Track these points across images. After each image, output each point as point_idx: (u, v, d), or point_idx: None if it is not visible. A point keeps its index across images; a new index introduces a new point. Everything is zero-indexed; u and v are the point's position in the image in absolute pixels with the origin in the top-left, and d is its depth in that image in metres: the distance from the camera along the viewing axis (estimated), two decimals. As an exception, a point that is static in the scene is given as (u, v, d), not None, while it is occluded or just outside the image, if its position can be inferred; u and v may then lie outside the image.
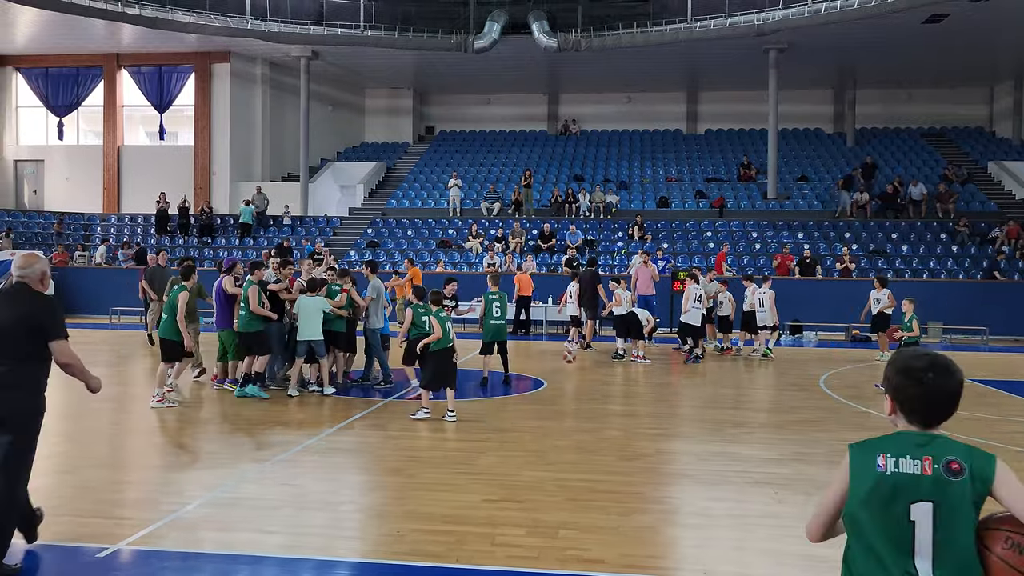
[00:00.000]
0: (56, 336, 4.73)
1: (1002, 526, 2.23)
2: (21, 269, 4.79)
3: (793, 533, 5.55)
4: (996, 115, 32.22)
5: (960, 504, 2.21)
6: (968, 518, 2.22)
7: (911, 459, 2.25)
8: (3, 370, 4.55)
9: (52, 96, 30.56)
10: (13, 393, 4.60)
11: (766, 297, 15.81)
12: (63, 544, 5.20)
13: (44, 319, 4.72)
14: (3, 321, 4.61)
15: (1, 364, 4.56)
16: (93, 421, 9.31)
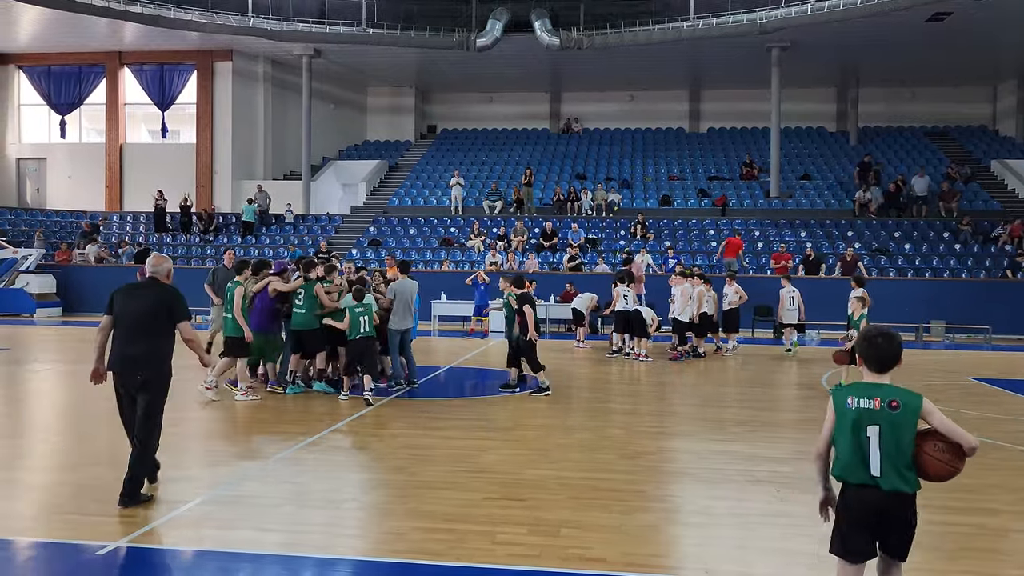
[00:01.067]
0: (182, 318, 6.06)
1: (930, 435, 3.56)
2: (154, 267, 6.22)
3: (796, 532, 5.53)
4: (999, 113, 32.15)
5: (899, 427, 3.51)
6: (905, 436, 3.51)
7: (867, 399, 3.59)
8: (144, 346, 5.93)
9: (54, 94, 30.59)
10: (153, 363, 5.97)
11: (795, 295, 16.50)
12: (64, 542, 5.19)
13: (173, 305, 6.05)
14: (143, 307, 5.97)
15: (142, 341, 5.94)
16: (94, 419, 9.30)
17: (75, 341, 17.43)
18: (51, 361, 14.06)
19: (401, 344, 11.16)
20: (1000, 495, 6.56)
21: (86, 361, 14.03)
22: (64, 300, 24.02)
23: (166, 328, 6.02)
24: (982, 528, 5.72)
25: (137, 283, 6.45)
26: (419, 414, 9.55)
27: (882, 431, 3.53)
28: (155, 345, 5.98)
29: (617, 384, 12.48)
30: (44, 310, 23.09)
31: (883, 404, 3.55)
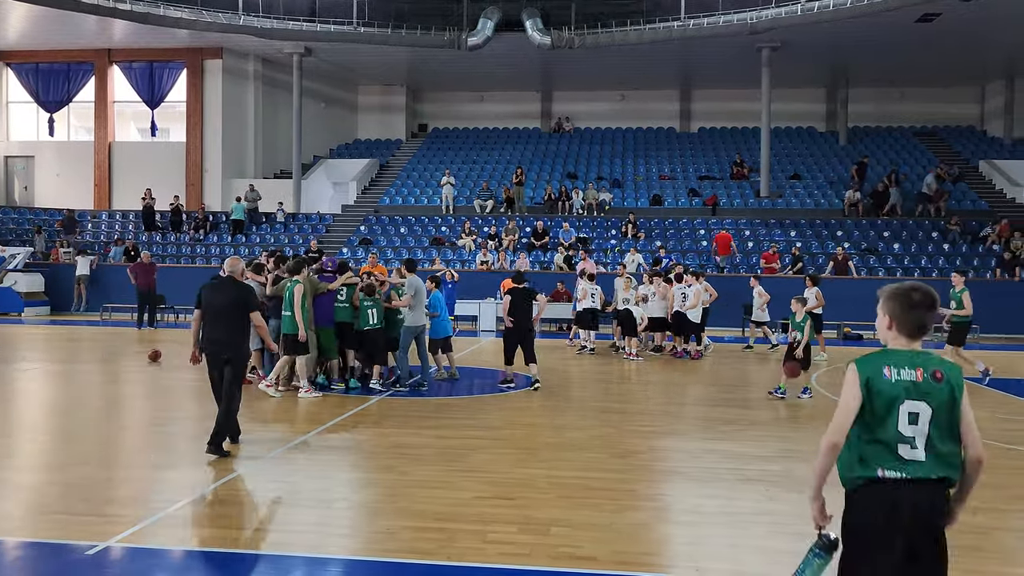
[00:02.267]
0: (254, 309, 7.55)
1: None
2: (231, 268, 7.69)
3: (785, 530, 5.56)
4: (987, 114, 32.34)
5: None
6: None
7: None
8: (226, 331, 7.38)
9: (43, 92, 30.39)
10: (233, 344, 7.43)
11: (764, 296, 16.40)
12: (53, 541, 5.17)
13: (248, 299, 7.56)
14: (224, 301, 7.43)
15: (225, 328, 7.37)
16: (83, 418, 9.27)
17: (63, 340, 17.34)
18: (39, 360, 13.99)
19: (417, 342, 11.29)
20: (983, 492, 6.59)
21: (74, 360, 13.99)
22: (52, 299, 23.88)
23: (243, 316, 7.44)
24: (965, 526, 5.74)
25: (218, 281, 7.79)
26: (410, 413, 9.55)
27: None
28: (235, 330, 7.44)
29: (607, 383, 12.50)
30: (32, 309, 22.95)
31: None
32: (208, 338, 7.44)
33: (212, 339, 7.41)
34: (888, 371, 2.98)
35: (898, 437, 2.93)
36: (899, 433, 2.93)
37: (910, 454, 2.92)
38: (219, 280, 7.84)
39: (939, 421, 2.95)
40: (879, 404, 2.95)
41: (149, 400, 10.49)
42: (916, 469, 2.90)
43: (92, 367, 13.30)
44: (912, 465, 2.91)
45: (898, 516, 2.86)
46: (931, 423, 2.93)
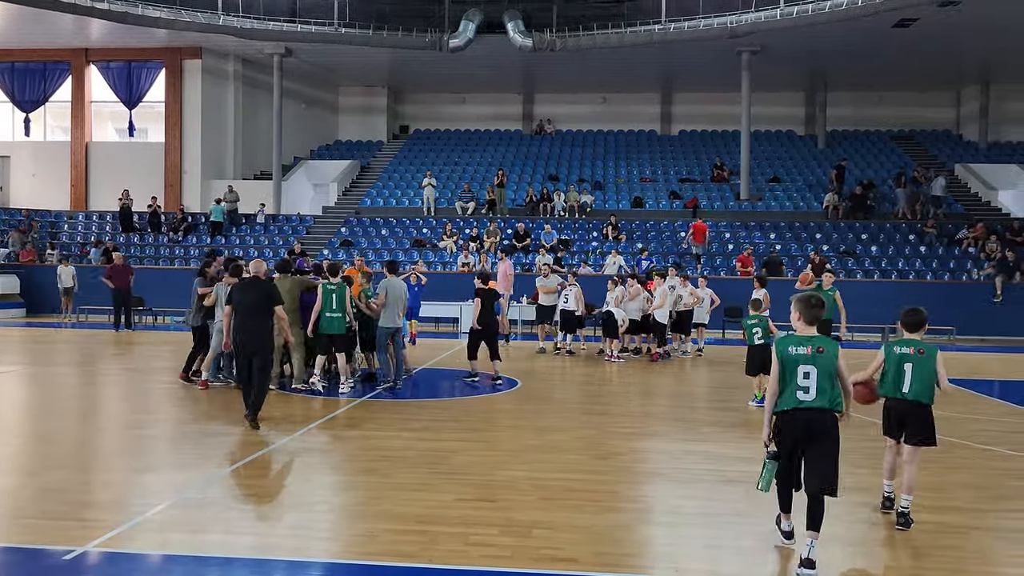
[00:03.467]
0: (278, 304, 8.83)
1: None
2: (256, 269, 9.00)
3: (764, 530, 5.59)
4: (963, 118, 32.76)
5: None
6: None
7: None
8: (256, 324, 8.59)
9: (18, 91, 29.99)
10: (262, 336, 8.68)
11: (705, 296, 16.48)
12: (29, 546, 5.10)
13: (273, 295, 8.85)
14: (253, 297, 8.66)
15: (254, 321, 8.59)
16: (60, 421, 9.15)
17: (38, 343, 17.12)
18: (13, 363, 13.80)
19: (393, 343, 11.50)
20: (964, 493, 6.69)
21: (50, 364, 13.82)
22: (27, 301, 23.57)
23: (268, 311, 8.73)
24: (947, 526, 5.82)
25: (247, 281, 8.99)
26: (391, 415, 9.51)
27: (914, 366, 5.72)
28: (263, 323, 8.70)
29: (589, 385, 12.52)
30: (6, 311, 22.65)
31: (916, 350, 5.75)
32: (239, 330, 8.62)
33: (243, 331, 8.60)
34: (792, 348, 5.05)
35: (797, 384, 4.99)
36: (797, 383, 4.99)
37: (805, 396, 4.97)
38: (248, 280, 8.98)
39: (821, 376, 4.96)
40: (787, 367, 5.04)
41: (126, 403, 10.38)
42: (809, 404, 4.95)
43: (68, 369, 13.15)
44: (806, 402, 4.96)
45: (797, 426, 5.00)
46: (817, 377, 4.95)
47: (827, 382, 4.94)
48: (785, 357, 5.02)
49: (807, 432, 4.96)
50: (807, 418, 4.94)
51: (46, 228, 28.05)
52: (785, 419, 5.02)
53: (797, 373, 4.97)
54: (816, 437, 4.94)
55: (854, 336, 20.65)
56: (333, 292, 10.62)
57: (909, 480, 5.77)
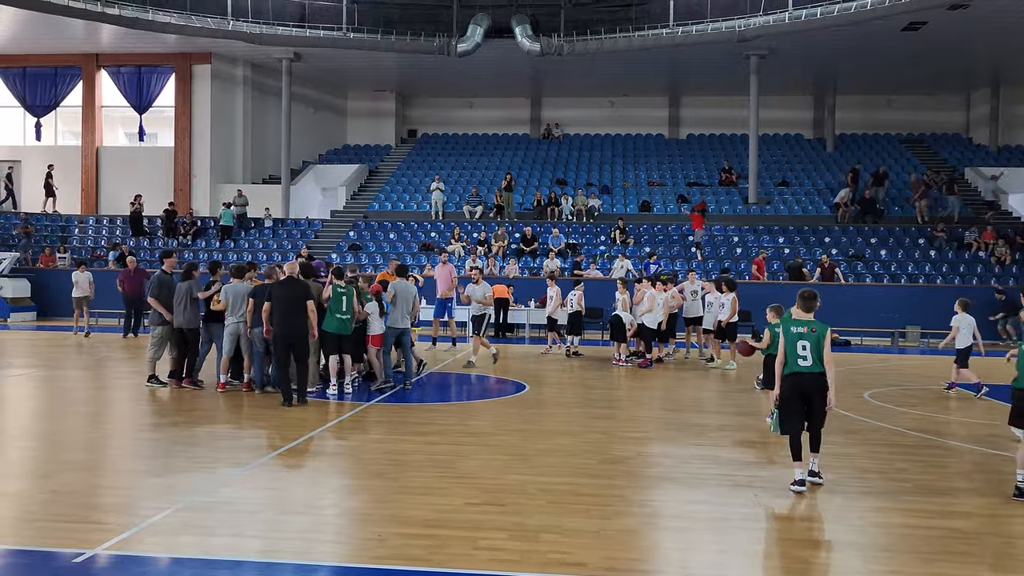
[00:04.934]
0: (312, 300, 10.15)
1: None
2: (292, 269, 10.41)
3: (774, 536, 5.57)
4: (973, 122, 32.62)
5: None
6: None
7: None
8: (293, 319, 9.94)
9: (30, 96, 30.20)
10: (300, 329, 10.01)
11: None
12: (38, 549, 5.13)
13: (308, 293, 10.15)
14: (291, 295, 9.98)
15: (292, 316, 9.95)
16: (70, 424, 9.20)
17: (49, 346, 17.21)
18: (25, 366, 13.87)
19: (399, 344, 11.70)
20: (974, 499, 6.64)
21: (61, 367, 13.88)
22: (39, 304, 23.69)
23: (304, 307, 10.01)
24: (957, 532, 5.79)
25: (285, 280, 10.22)
26: (399, 419, 9.52)
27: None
28: (300, 318, 10.00)
29: (597, 389, 12.50)
30: (18, 314, 22.77)
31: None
32: (280, 323, 9.89)
33: (283, 324, 9.89)
34: (793, 328, 6.76)
35: (796, 354, 6.67)
36: (797, 354, 6.66)
37: (804, 363, 6.65)
38: (286, 279, 10.24)
39: (814, 348, 6.63)
40: (788, 342, 6.73)
41: (135, 406, 10.41)
42: (806, 369, 6.63)
43: (78, 373, 13.21)
44: (804, 367, 6.64)
45: (799, 385, 6.67)
46: (811, 349, 6.63)
47: (818, 353, 6.63)
48: (788, 334, 6.73)
49: (805, 389, 6.67)
50: (805, 379, 6.66)
51: (57, 232, 28.21)
52: (791, 380, 6.72)
53: (796, 346, 6.67)
54: (811, 393, 6.67)
55: (863, 340, 20.60)
56: (343, 294, 10.69)
57: None
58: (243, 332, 10.84)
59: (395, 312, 11.49)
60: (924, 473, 7.42)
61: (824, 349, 6.62)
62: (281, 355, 10.05)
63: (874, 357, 15.73)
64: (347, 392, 10.91)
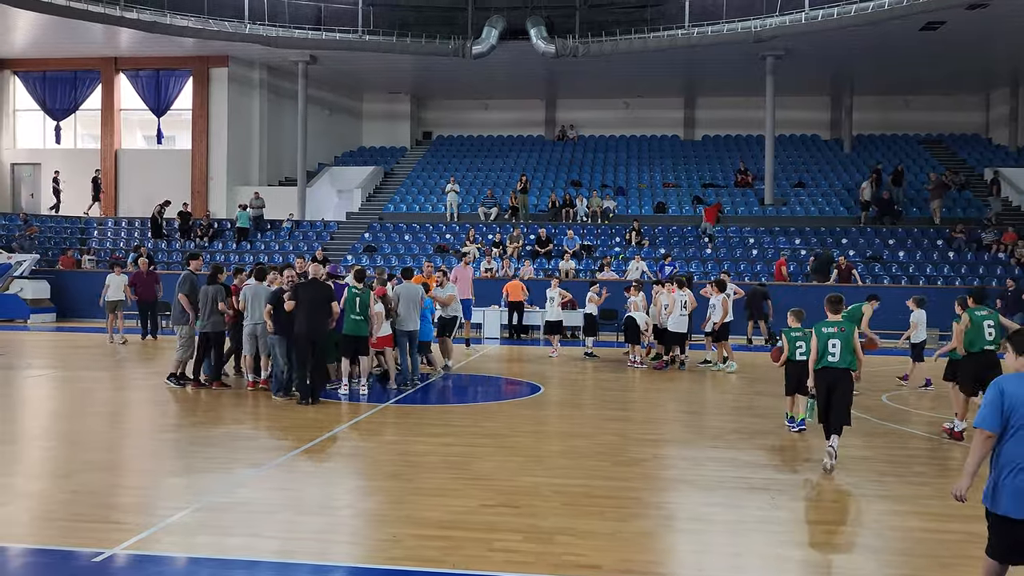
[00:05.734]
0: (335, 301, 10.55)
1: None
2: (315, 272, 10.91)
3: (791, 539, 5.54)
4: (992, 122, 32.29)
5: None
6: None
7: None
8: (317, 318, 10.29)
9: (50, 100, 30.51)
10: (322, 328, 10.41)
11: None
12: (58, 548, 5.18)
13: (331, 295, 10.53)
14: (315, 296, 10.33)
15: (316, 316, 10.26)
16: (89, 424, 9.28)
17: (69, 347, 17.37)
18: (45, 367, 14.02)
19: (408, 345, 11.97)
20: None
21: (80, 367, 14.00)
22: (58, 306, 23.93)
23: (327, 307, 10.42)
24: (975, 536, 5.73)
25: (309, 282, 10.63)
26: (414, 420, 9.55)
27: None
28: (323, 318, 10.39)
29: (611, 391, 12.48)
30: (38, 316, 22.99)
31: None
32: (304, 322, 10.22)
33: (308, 323, 10.23)
34: (824, 328, 7.63)
35: (828, 350, 7.56)
36: (828, 351, 7.56)
37: (832, 358, 7.55)
38: (310, 281, 10.69)
39: (844, 346, 7.52)
40: (821, 341, 7.60)
41: (154, 407, 10.50)
42: (835, 363, 7.55)
43: (98, 374, 13.33)
44: (833, 361, 7.55)
45: (827, 379, 7.56)
46: (840, 346, 7.52)
47: (846, 351, 7.54)
48: (819, 334, 7.66)
49: (833, 382, 7.53)
50: (834, 372, 7.55)
51: (76, 235, 28.48)
52: (821, 374, 7.60)
53: (828, 344, 7.55)
54: (838, 386, 7.51)
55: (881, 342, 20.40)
56: (357, 296, 10.81)
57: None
58: (260, 334, 10.98)
59: (402, 315, 11.76)
60: (942, 476, 7.36)
61: (854, 345, 7.57)
62: (303, 354, 10.32)
63: (892, 359, 15.60)
64: (362, 394, 10.97)
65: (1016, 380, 4.14)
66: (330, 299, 10.43)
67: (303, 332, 10.24)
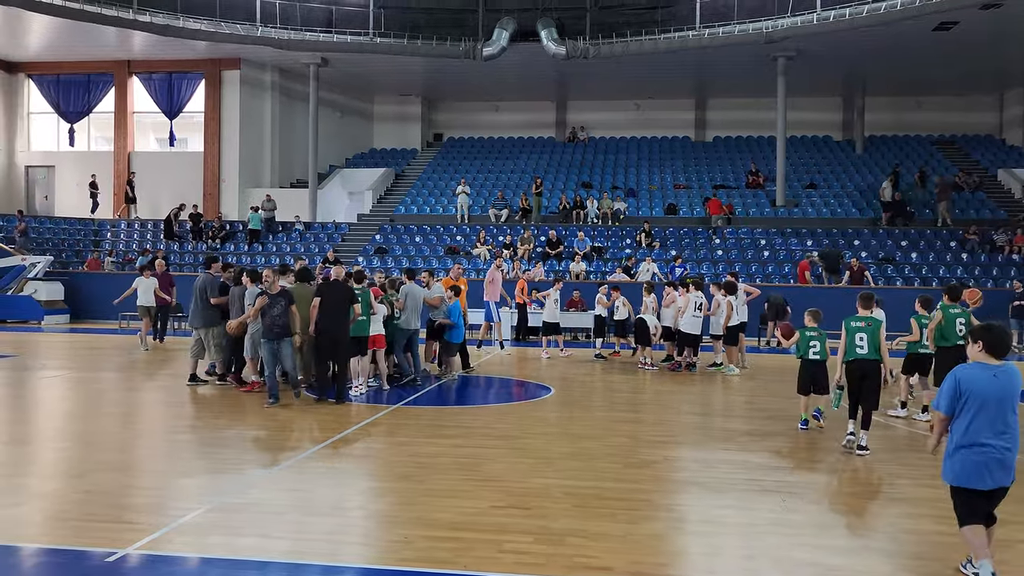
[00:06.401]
0: (355, 303, 10.87)
1: None
2: (336, 274, 11.54)
3: (802, 541, 5.52)
4: (1006, 122, 32.07)
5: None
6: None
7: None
8: (338, 319, 10.62)
9: (64, 102, 30.75)
10: (343, 328, 10.72)
11: None
12: (71, 548, 5.22)
13: (352, 296, 10.85)
14: (336, 296, 10.69)
15: (337, 316, 10.59)
16: (103, 425, 9.34)
17: (83, 348, 17.48)
18: (59, 368, 14.12)
19: (408, 343, 12.33)
20: (1006, 505, 6.51)
21: (94, 368, 14.08)
22: (72, 307, 24.10)
23: (348, 308, 10.77)
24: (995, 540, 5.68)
25: (330, 283, 11.08)
26: (425, 422, 9.56)
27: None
28: (343, 318, 10.70)
29: (622, 392, 12.46)
30: (52, 317, 23.16)
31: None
32: (325, 321, 10.57)
33: (328, 322, 10.57)
34: (853, 322, 8.24)
35: (855, 344, 8.15)
36: (855, 344, 8.15)
37: (861, 351, 8.12)
38: (331, 282, 11.14)
39: (871, 339, 8.11)
40: (849, 334, 8.22)
41: (167, 408, 10.55)
42: (865, 355, 8.11)
43: (112, 375, 13.41)
44: (861, 354, 8.12)
45: (857, 370, 8.17)
46: (868, 340, 8.11)
47: (873, 343, 8.10)
48: (848, 328, 8.22)
49: (861, 372, 8.14)
50: (861, 364, 8.14)
51: (89, 236, 28.67)
52: (850, 366, 8.21)
53: (855, 337, 8.14)
54: (867, 376, 8.14)
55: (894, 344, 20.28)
56: (359, 296, 11.13)
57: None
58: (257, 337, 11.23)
59: (405, 314, 12.11)
60: (956, 479, 7.30)
61: (880, 340, 8.12)
62: (325, 352, 10.77)
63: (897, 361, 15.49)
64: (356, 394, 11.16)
65: (969, 369, 4.71)
66: (351, 301, 10.77)
67: (324, 332, 10.58)
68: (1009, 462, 4.67)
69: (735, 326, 14.67)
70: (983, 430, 4.61)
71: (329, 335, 10.61)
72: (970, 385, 4.64)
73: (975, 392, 4.62)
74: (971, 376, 4.68)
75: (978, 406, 4.61)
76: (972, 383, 4.64)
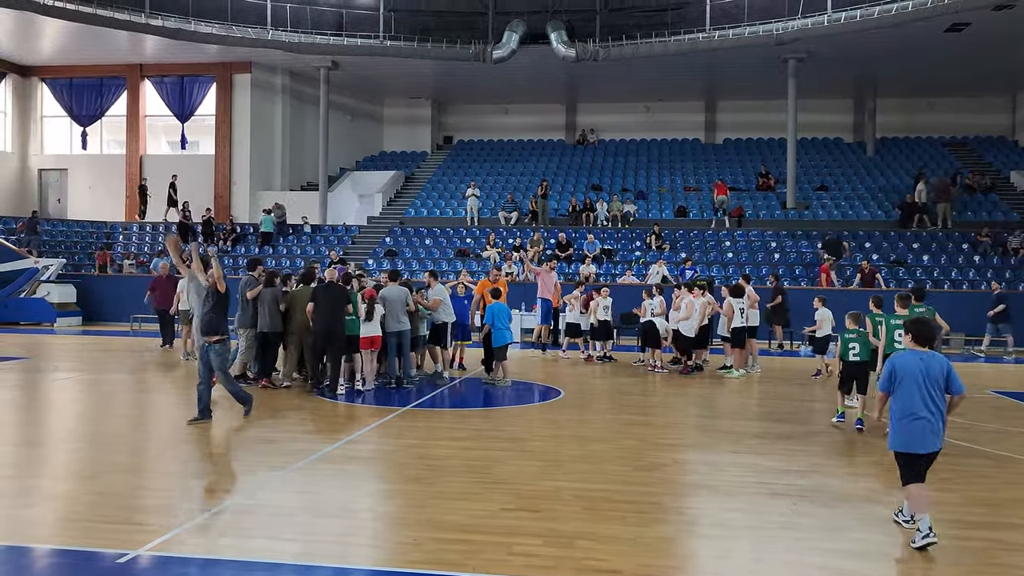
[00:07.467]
0: (349, 303, 11.32)
1: None
2: (331, 276, 11.57)
3: (813, 545, 5.49)
4: (1018, 124, 31.88)
5: None
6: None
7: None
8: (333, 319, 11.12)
9: (76, 106, 30.98)
10: (338, 328, 11.27)
11: None
12: (82, 549, 5.24)
13: (345, 296, 11.32)
14: (332, 297, 11.19)
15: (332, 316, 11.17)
16: (114, 426, 9.39)
17: (95, 350, 17.59)
18: (72, 370, 14.21)
19: (399, 346, 12.30)
20: (1019, 509, 6.49)
21: (106, 370, 14.16)
22: (84, 310, 24.25)
23: (344, 309, 11.22)
24: (1001, 543, 5.66)
25: (325, 285, 11.43)
26: (435, 424, 9.57)
27: None
28: (338, 319, 11.18)
29: (632, 395, 12.44)
30: (64, 319, 23.32)
31: None
32: (321, 322, 11.09)
33: (324, 322, 11.09)
34: (893, 320, 9.75)
35: (895, 340, 9.59)
36: (895, 339, 9.57)
37: (856, 353, 9.75)
38: (327, 284, 11.45)
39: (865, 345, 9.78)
40: (889, 332, 9.89)
41: (178, 410, 10.60)
42: (858, 358, 9.73)
43: (123, 377, 13.49)
44: (857, 357, 9.72)
45: (852, 371, 9.78)
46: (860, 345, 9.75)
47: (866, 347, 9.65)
48: (888, 326, 9.68)
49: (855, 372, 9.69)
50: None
51: (102, 239, 28.85)
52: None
53: (895, 335, 9.46)
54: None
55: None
56: None
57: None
58: None
59: (389, 316, 12.15)
60: (968, 484, 7.27)
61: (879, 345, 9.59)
62: (319, 348, 11.50)
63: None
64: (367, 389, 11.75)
65: (903, 355, 5.75)
66: (346, 301, 11.31)
67: (319, 330, 11.24)
68: (938, 430, 5.57)
69: (742, 329, 14.61)
70: (916, 403, 5.54)
71: (322, 333, 11.22)
72: (903, 368, 5.64)
73: (908, 373, 5.59)
74: (904, 361, 5.68)
75: (910, 384, 5.57)
76: (904, 366, 5.64)
